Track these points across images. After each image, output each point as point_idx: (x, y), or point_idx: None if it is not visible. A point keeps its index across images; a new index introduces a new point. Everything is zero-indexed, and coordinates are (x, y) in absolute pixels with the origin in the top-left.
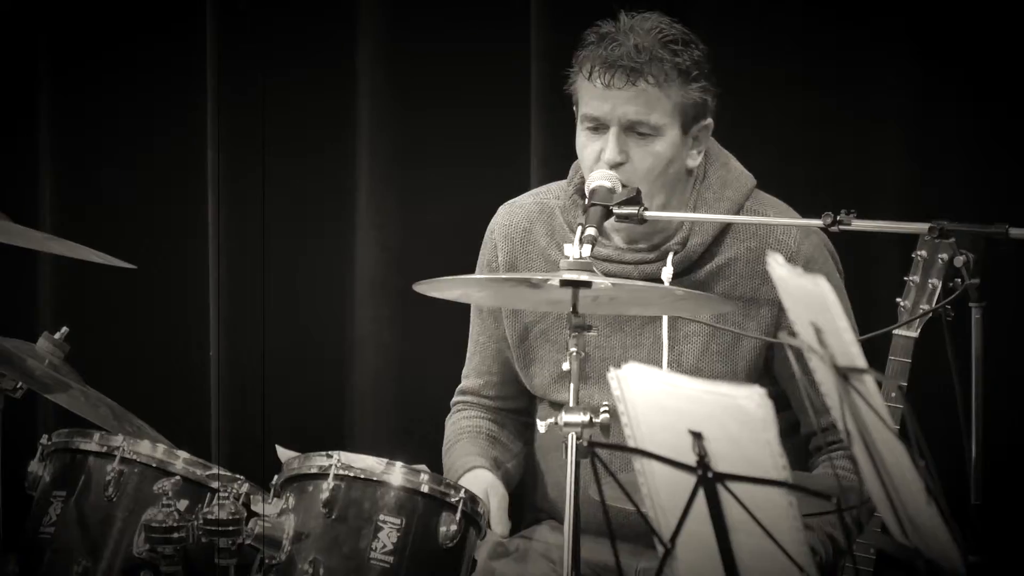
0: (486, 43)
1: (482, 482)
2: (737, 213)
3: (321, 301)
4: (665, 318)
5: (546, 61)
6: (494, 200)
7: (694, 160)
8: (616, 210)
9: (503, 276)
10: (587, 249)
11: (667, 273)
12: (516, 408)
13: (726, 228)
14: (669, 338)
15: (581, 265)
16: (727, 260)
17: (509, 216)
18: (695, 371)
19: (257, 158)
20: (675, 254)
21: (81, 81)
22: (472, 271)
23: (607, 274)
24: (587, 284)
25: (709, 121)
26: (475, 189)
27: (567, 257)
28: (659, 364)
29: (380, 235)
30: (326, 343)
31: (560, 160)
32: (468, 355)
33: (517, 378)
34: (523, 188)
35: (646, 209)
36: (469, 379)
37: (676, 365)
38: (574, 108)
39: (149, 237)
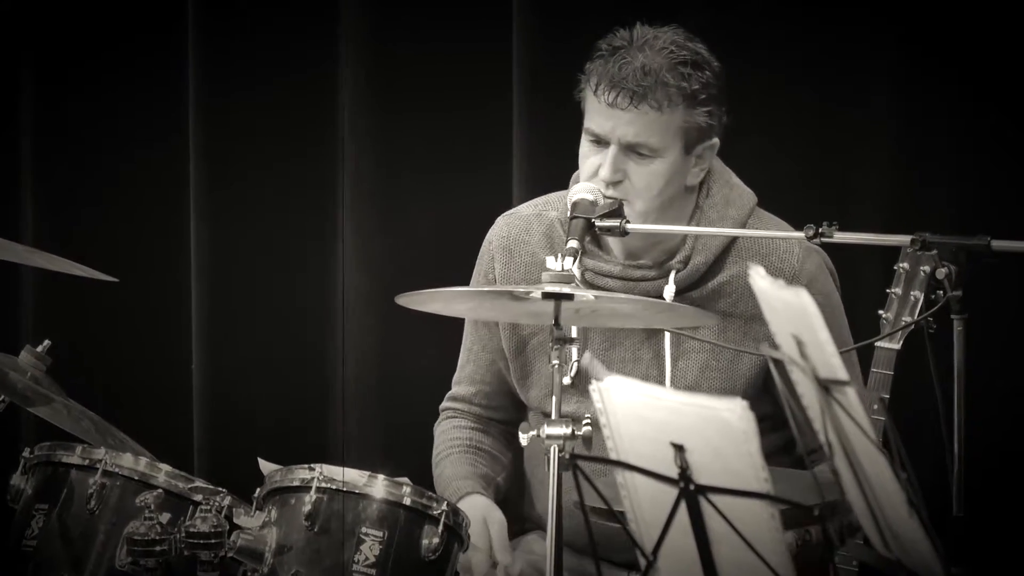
0: (468, 50)
1: (479, 509)
2: None
3: (303, 313)
4: (667, 336)
5: (529, 70)
6: (477, 209)
7: (695, 178)
8: (598, 223)
9: (485, 289)
10: (569, 261)
11: (669, 291)
12: (506, 419)
13: (729, 247)
14: (670, 355)
15: (562, 278)
16: (729, 278)
17: (507, 227)
18: (694, 388)
19: (238, 169)
20: (677, 272)
21: (63, 94)
22: (457, 281)
23: (609, 289)
24: (569, 297)
25: (715, 141)
26: (458, 198)
27: (549, 270)
28: (657, 380)
29: (363, 245)
30: (308, 355)
31: (543, 169)
32: (460, 363)
33: (508, 389)
34: (505, 197)
35: (627, 221)
36: (461, 386)
37: (675, 381)
38: (582, 112)
39: (131, 250)
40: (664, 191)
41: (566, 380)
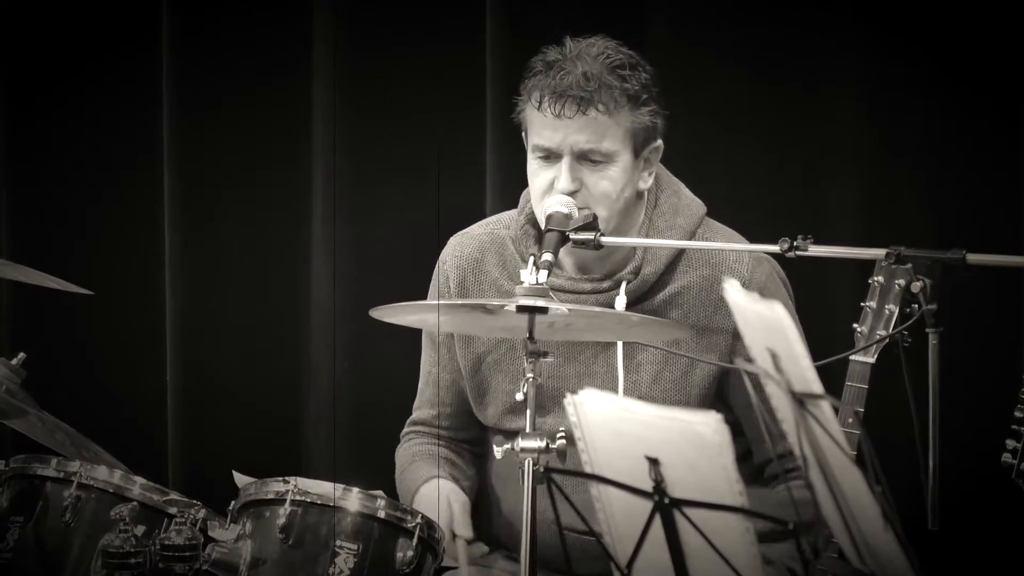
0: (440, 54)
1: (441, 489)
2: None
3: (277, 325)
4: (620, 346)
5: (503, 81)
6: (449, 224)
7: (645, 182)
8: (573, 236)
9: (459, 302)
10: (543, 275)
11: (620, 302)
12: (468, 439)
13: (679, 257)
14: (622, 367)
15: (537, 291)
16: (680, 288)
17: (460, 247)
18: (647, 399)
19: (213, 182)
20: (628, 283)
21: (36, 108)
22: (427, 296)
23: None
24: (543, 310)
25: (659, 143)
26: (431, 210)
27: (523, 283)
28: (613, 392)
29: (335, 260)
30: (282, 368)
31: (515, 186)
32: (420, 387)
33: (469, 409)
34: (478, 215)
35: (602, 234)
36: (422, 410)
37: (629, 393)
38: (523, 136)
39: (106, 263)
40: (620, 197)
41: (519, 396)
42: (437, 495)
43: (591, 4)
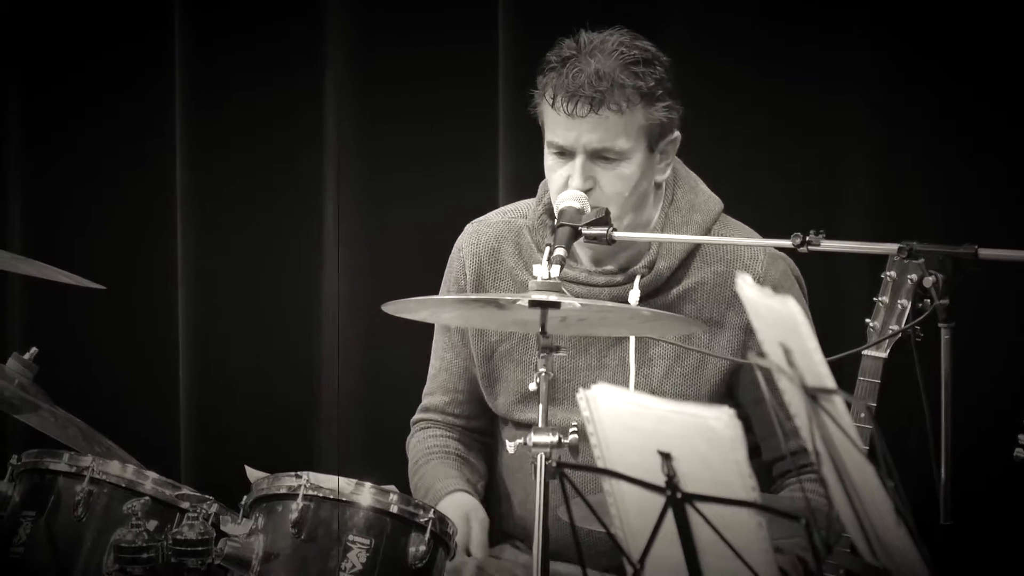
0: (453, 52)
1: (463, 506)
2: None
3: (288, 320)
4: (632, 339)
5: (515, 79)
6: (462, 218)
7: (662, 174)
8: (585, 231)
9: (471, 297)
10: (556, 269)
11: (634, 296)
12: (479, 427)
13: (693, 252)
14: (634, 361)
15: (550, 286)
16: (694, 284)
17: (476, 234)
18: (659, 393)
19: (225, 178)
20: (642, 277)
21: (50, 104)
22: (439, 290)
23: (575, 296)
24: (556, 305)
25: (676, 135)
26: (443, 207)
27: (535, 278)
28: (624, 386)
29: (347, 254)
30: (294, 363)
31: (527, 179)
32: (432, 373)
33: (481, 397)
34: (491, 208)
35: (615, 230)
36: (434, 396)
37: (640, 387)
38: (541, 126)
39: (118, 257)
40: (634, 192)
41: (532, 386)
42: (459, 510)
43: (605, 1)
